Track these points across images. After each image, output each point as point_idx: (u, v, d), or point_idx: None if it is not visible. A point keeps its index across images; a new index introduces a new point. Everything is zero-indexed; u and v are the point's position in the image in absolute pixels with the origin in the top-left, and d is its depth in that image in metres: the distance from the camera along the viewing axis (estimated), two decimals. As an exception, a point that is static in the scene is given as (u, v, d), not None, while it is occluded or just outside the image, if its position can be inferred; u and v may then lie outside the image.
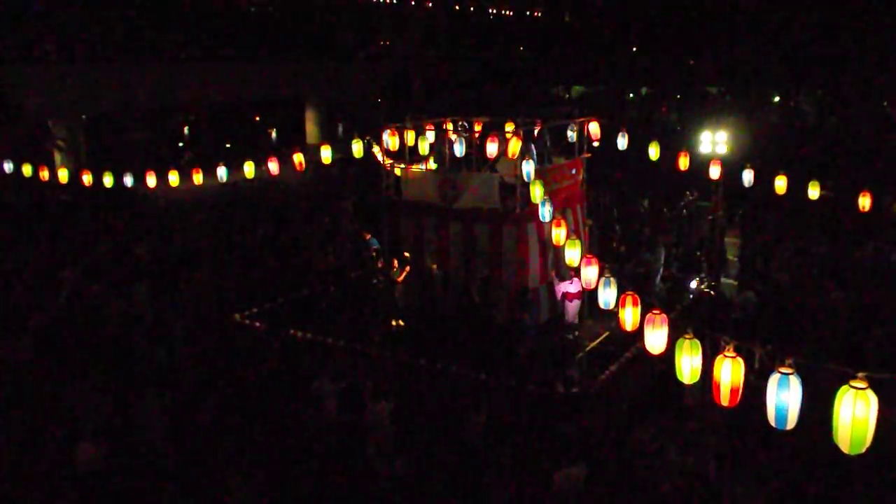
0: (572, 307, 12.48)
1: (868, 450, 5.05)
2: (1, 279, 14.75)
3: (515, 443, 9.30)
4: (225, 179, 15.31)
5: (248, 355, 11.94)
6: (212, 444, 9.16)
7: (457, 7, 47.72)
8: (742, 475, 8.37)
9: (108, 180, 15.43)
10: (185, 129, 37.90)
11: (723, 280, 15.25)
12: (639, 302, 7.93)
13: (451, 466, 8.84)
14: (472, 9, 49.13)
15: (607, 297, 8.63)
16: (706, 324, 11.58)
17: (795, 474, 8.44)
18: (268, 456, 8.82)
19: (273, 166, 14.76)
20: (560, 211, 11.50)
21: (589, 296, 11.61)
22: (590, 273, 9.35)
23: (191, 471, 8.76)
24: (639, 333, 7.66)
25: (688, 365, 6.51)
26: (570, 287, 12.28)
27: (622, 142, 14.73)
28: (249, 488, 7.77)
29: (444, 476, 8.69)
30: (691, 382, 6.66)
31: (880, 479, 8.24)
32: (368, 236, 14.51)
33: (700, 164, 14.67)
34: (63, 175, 16.87)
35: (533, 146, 12.62)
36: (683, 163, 14.86)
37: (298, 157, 14.65)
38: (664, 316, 7.29)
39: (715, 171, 14.46)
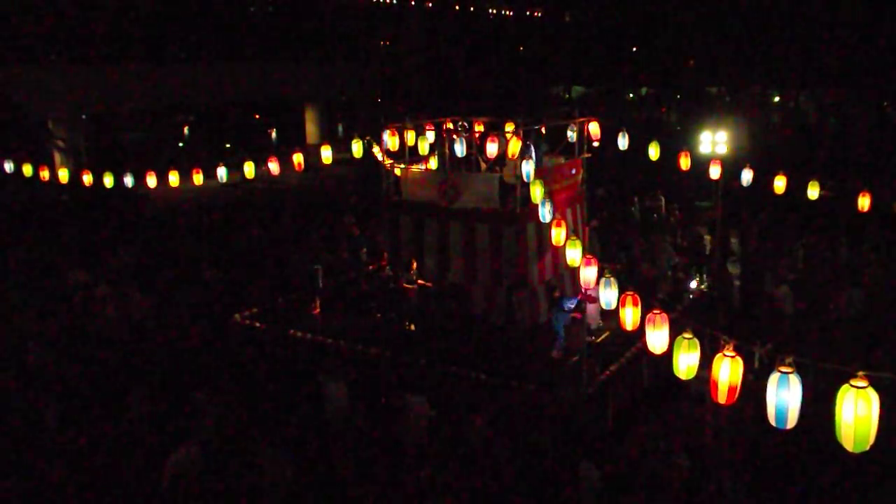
0: (592, 308, 12.18)
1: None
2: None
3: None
4: (225, 179, 15.31)
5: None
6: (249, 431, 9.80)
7: (457, 7, 47.64)
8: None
9: (108, 180, 15.44)
10: (186, 129, 37.89)
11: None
12: (639, 302, 7.93)
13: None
14: (472, 9, 49.05)
15: (608, 296, 8.62)
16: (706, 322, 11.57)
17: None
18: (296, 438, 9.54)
19: (273, 166, 14.75)
20: (560, 211, 11.48)
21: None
22: (589, 273, 9.34)
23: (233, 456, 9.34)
24: (639, 333, 7.68)
25: (685, 363, 6.55)
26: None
27: (622, 142, 14.72)
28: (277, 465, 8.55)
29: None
30: (688, 379, 6.71)
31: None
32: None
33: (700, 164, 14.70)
34: (63, 175, 16.87)
35: (532, 148, 12.60)
36: (684, 163, 14.85)
37: (298, 158, 14.64)
38: (665, 315, 7.29)
39: (715, 171, 14.45)
